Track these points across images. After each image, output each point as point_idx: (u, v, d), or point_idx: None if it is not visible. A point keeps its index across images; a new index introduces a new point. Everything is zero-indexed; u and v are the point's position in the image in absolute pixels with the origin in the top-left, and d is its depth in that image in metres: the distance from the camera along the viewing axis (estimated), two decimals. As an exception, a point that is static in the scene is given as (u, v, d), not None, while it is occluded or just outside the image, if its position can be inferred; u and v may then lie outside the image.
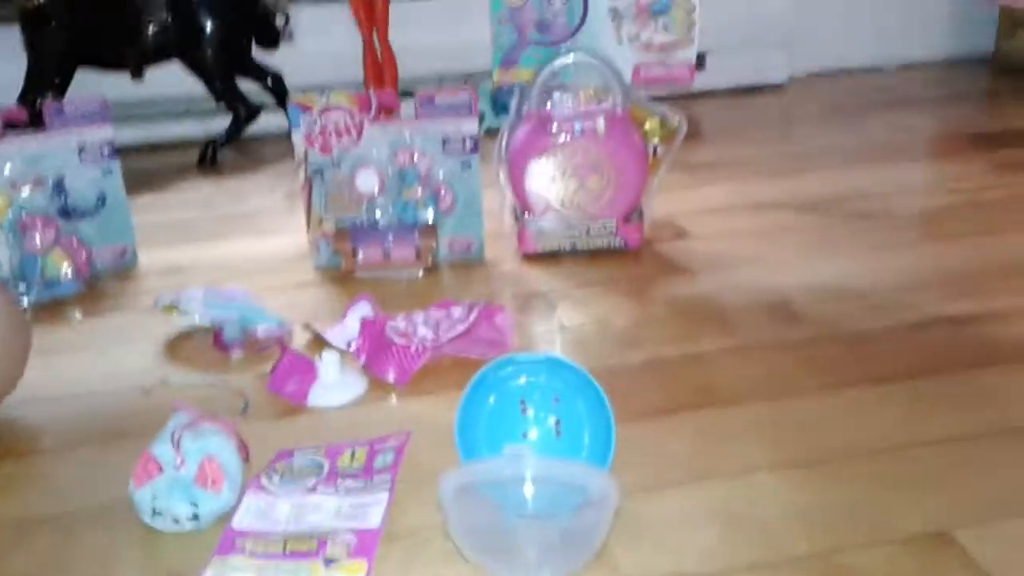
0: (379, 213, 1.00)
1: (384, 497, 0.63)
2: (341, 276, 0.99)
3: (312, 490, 0.64)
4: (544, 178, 0.98)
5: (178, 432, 0.63)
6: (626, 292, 0.94)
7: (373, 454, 0.68)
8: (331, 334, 0.84)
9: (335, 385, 0.77)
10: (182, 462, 0.61)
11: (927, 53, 1.82)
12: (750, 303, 0.90)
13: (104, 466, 0.69)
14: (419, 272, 0.99)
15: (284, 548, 0.58)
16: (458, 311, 0.84)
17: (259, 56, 1.47)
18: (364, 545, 0.58)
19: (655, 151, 1.02)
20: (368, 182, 0.98)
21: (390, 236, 0.98)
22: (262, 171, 1.38)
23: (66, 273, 0.98)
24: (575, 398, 0.64)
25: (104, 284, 1.02)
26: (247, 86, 1.45)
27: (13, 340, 0.73)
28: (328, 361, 0.77)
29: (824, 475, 0.64)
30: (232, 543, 0.59)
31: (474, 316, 0.81)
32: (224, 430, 0.65)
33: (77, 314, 0.95)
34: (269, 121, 1.49)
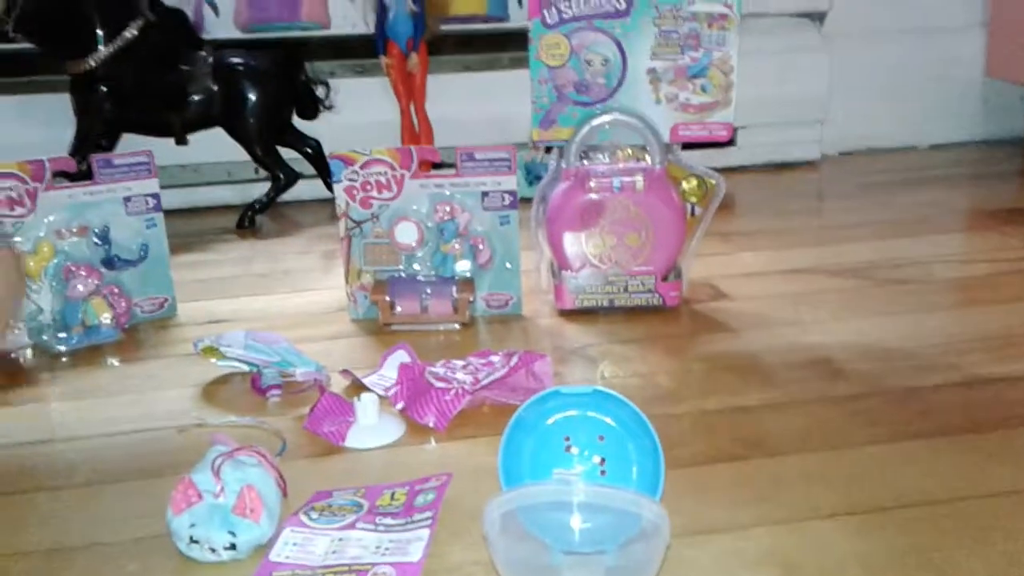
0: (417, 266, 1.00)
1: (425, 534, 0.61)
2: (378, 328, 0.99)
3: (351, 526, 0.63)
4: (582, 234, 0.99)
5: (219, 461, 0.62)
6: (666, 348, 0.93)
7: (414, 494, 0.66)
8: (369, 380, 0.84)
9: (373, 427, 0.76)
10: (221, 490, 0.60)
11: (959, 134, 1.83)
12: (792, 360, 0.89)
13: (138, 502, 0.68)
14: (456, 325, 0.98)
15: (323, 580, 0.56)
16: (497, 359, 0.83)
17: (299, 124, 1.51)
18: (405, 578, 0.56)
19: (692, 210, 1.02)
20: (407, 235, 0.99)
21: (428, 289, 0.98)
22: (299, 234, 1.40)
23: (105, 321, 0.99)
24: (622, 436, 0.62)
25: (142, 333, 1.02)
26: (287, 153, 1.48)
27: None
28: (367, 402, 0.76)
29: (881, 522, 0.62)
30: None
31: (514, 362, 0.80)
32: (264, 463, 0.64)
33: (114, 361, 0.95)
34: (307, 187, 1.51)
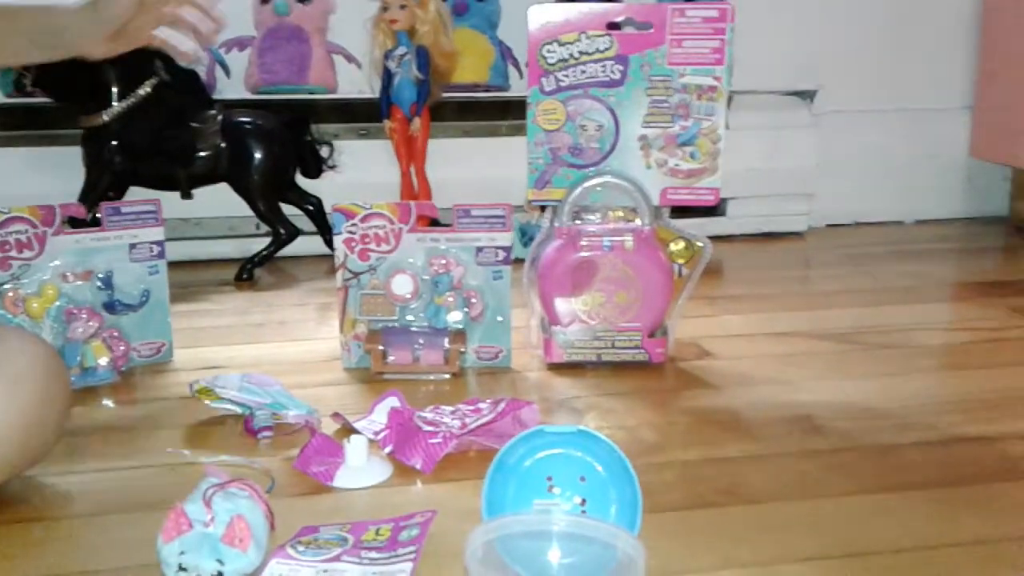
0: (411, 317, 1.03)
1: (408, 567, 0.63)
2: (370, 376, 1.01)
3: (336, 559, 0.64)
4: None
5: (210, 492, 0.64)
6: (651, 402, 0.96)
7: (398, 530, 0.68)
8: (359, 424, 0.86)
9: (362, 469, 0.78)
10: (212, 519, 0.62)
11: (944, 210, 1.88)
12: (773, 416, 0.91)
13: (129, 532, 0.70)
14: (446, 376, 1.01)
15: (307, 606, 0.57)
16: (485, 406, 0.85)
17: (303, 183, 1.55)
18: (387, 607, 0.57)
19: (680, 271, 1.05)
20: (403, 287, 1.02)
21: (420, 340, 1.01)
22: (296, 287, 1.43)
23: (103, 364, 1.01)
24: (603, 477, 0.64)
25: (138, 376, 1.04)
26: (288, 209, 1.52)
27: (57, 400, 0.75)
28: (356, 444, 0.78)
29: (854, 568, 0.64)
30: (255, 601, 0.59)
31: (501, 408, 0.83)
32: (254, 495, 0.66)
33: (109, 402, 0.97)
34: (306, 243, 1.55)
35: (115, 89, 1.38)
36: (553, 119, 1.03)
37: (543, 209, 1.06)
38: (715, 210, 1.70)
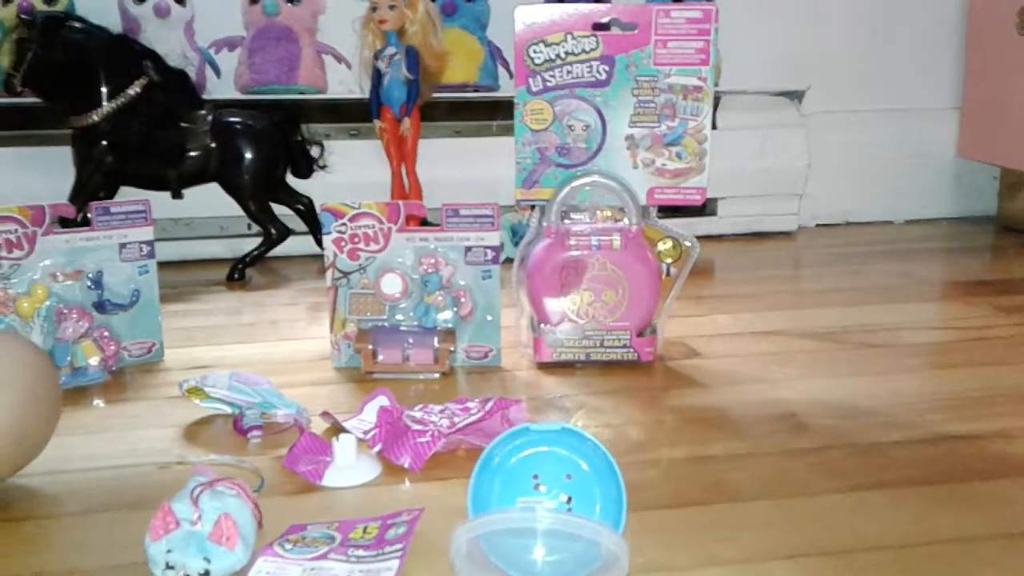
0: (400, 316, 1.03)
1: (395, 564, 0.63)
2: (360, 376, 1.02)
3: (324, 557, 0.65)
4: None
5: (198, 490, 0.64)
6: (638, 401, 0.96)
7: (385, 527, 0.69)
8: (349, 423, 0.86)
9: (350, 467, 0.78)
10: (199, 518, 0.62)
11: (933, 210, 1.90)
12: (759, 415, 0.92)
13: (117, 531, 0.70)
14: (436, 375, 1.01)
15: (294, 604, 0.58)
16: (474, 405, 0.86)
17: (293, 182, 1.55)
18: (373, 604, 0.58)
19: (668, 270, 1.06)
20: (392, 286, 1.03)
21: (410, 339, 1.01)
22: (287, 287, 1.43)
23: (93, 363, 1.01)
24: (588, 475, 0.65)
25: (128, 376, 1.04)
26: (279, 209, 1.52)
27: (46, 402, 0.75)
28: (345, 443, 0.78)
29: (839, 564, 0.65)
30: (242, 599, 0.59)
31: (490, 406, 0.83)
32: (242, 494, 0.66)
33: (100, 401, 0.98)
34: (297, 243, 1.55)
35: (105, 89, 1.39)
36: (540, 119, 1.04)
37: (534, 208, 1.07)
38: (705, 210, 1.71)
